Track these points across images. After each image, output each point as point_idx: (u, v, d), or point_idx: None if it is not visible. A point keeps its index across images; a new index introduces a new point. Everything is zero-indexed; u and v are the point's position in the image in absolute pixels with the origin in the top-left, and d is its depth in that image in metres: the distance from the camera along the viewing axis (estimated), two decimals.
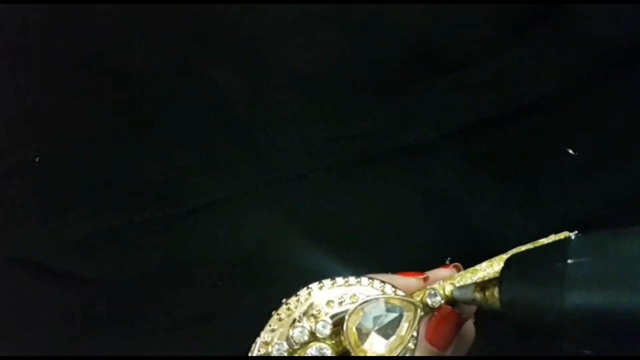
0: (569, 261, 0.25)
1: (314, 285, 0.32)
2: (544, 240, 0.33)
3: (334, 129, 0.50)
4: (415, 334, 0.31)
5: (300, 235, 0.49)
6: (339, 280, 0.32)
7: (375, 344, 0.30)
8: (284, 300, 0.31)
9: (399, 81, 0.51)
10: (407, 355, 0.31)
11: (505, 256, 0.33)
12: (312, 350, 0.30)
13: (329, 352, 0.30)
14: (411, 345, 0.31)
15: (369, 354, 0.30)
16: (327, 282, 0.32)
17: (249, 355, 0.31)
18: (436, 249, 0.49)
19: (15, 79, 0.52)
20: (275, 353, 0.30)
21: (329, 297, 0.31)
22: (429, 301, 0.32)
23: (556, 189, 0.49)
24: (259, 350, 0.30)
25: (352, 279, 0.32)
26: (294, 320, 0.31)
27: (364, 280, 0.32)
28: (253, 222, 0.50)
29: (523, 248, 0.33)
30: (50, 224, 0.50)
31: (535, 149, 0.50)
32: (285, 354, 0.30)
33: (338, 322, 0.31)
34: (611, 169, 0.49)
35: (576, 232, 0.32)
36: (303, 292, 0.31)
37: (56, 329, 0.48)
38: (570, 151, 0.49)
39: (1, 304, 0.49)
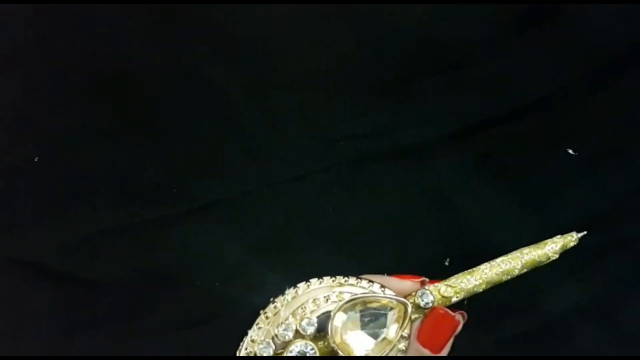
0: None
1: (301, 285, 0.31)
2: (547, 242, 0.33)
3: (334, 129, 0.50)
4: (405, 334, 0.30)
5: (301, 235, 0.49)
6: (327, 279, 0.31)
7: (363, 344, 0.30)
8: (271, 299, 0.31)
9: (399, 81, 0.51)
10: (398, 355, 0.30)
11: (507, 257, 0.32)
12: (295, 347, 0.30)
13: (312, 351, 0.30)
14: (402, 346, 0.30)
15: (356, 354, 0.30)
16: (314, 280, 0.31)
17: (237, 352, 0.31)
18: (436, 249, 0.49)
19: (15, 79, 0.52)
20: (261, 351, 0.30)
21: (315, 295, 0.31)
22: (420, 301, 0.31)
23: (556, 189, 0.49)
24: (246, 348, 0.30)
25: (340, 278, 0.31)
26: (280, 319, 0.30)
27: (352, 279, 0.31)
28: (253, 222, 0.50)
29: (526, 250, 0.32)
30: (50, 224, 0.50)
31: (535, 149, 0.50)
32: (271, 352, 0.30)
33: (324, 321, 0.30)
34: (611, 169, 0.49)
35: (584, 232, 0.32)
36: (290, 291, 0.31)
37: (56, 329, 0.49)
38: (570, 151, 0.49)
39: (1, 304, 0.49)
